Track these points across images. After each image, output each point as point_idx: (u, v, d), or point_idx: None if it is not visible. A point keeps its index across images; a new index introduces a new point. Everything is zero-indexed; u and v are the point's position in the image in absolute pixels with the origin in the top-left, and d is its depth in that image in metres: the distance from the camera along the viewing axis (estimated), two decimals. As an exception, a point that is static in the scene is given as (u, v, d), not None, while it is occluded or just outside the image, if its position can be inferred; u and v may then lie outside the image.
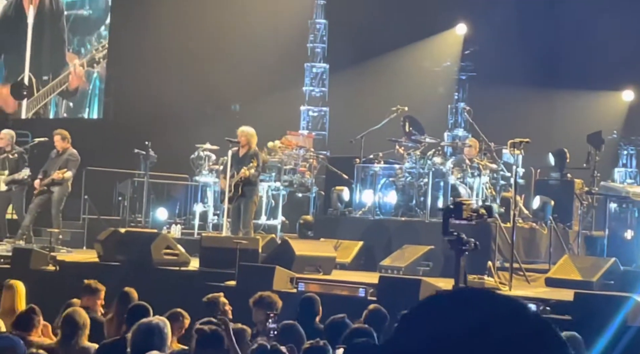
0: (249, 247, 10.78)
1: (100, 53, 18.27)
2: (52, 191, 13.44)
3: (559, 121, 16.27)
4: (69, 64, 18.78)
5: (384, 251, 12.17)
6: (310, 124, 19.58)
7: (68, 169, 13.42)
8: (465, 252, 7.56)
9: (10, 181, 13.63)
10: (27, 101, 19.27)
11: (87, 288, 8.16)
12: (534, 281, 11.04)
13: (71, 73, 18.50)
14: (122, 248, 11.54)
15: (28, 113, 19.27)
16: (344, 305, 8.68)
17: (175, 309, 7.17)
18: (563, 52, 16.26)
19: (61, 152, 13.59)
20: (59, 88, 18.64)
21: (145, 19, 18.12)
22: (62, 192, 13.49)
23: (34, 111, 19.16)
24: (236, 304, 7.89)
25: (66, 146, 13.61)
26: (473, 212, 8.08)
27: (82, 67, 18.44)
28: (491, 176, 12.95)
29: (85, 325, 6.34)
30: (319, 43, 19.68)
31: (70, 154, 13.59)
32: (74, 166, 13.58)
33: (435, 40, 18.18)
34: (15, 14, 19.32)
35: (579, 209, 13.19)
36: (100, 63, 18.25)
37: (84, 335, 6.35)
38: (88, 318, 6.51)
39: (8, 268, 11.76)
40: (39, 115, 19.18)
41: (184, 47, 18.05)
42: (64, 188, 13.52)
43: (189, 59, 17.91)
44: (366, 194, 13.51)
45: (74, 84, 18.54)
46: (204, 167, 14.71)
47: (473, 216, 8.09)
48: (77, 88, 18.54)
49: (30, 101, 19.24)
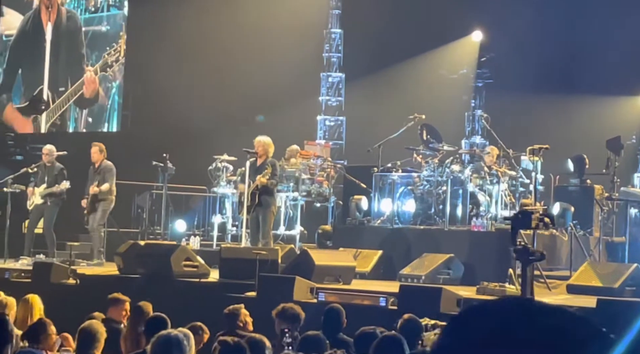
0: (269, 258, 10.77)
1: (112, 57, 18.38)
2: (97, 208, 13.67)
3: (578, 127, 16.19)
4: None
5: (404, 259, 12.13)
6: (327, 133, 19.60)
7: (106, 181, 13.63)
8: (532, 262, 7.42)
9: (48, 193, 13.78)
10: (45, 114, 19.42)
11: (112, 299, 8.21)
12: (555, 288, 10.97)
13: (85, 80, 18.62)
14: (142, 261, 11.56)
15: (46, 125, 19.41)
16: (365, 315, 8.66)
17: (195, 323, 7.15)
18: (580, 58, 16.19)
19: (97, 167, 13.83)
20: (74, 96, 18.79)
21: (162, 31, 18.19)
22: (105, 206, 13.69)
23: (51, 122, 19.27)
24: (257, 316, 7.88)
25: (102, 158, 13.83)
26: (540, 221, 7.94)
27: (95, 73, 18.57)
28: (510, 183, 12.89)
29: (100, 337, 6.32)
30: (334, 52, 19.71)
31: (105, 166, 13.81)
32: (110, 177, 13.77)
33: (451, 48, 18.16)
34: (33, 29, 19.47)
35: (599, 215, 13.10)
36: (113, 67, 18.33)
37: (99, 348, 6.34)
38: (104, 330, 6.49)
39: (29, 282, 11.81)
40: (56, 126, 19.27)
41: (200, 60, 18.10)
42: (107, 202, 13.73)
43: (206, 71, 17.95)
44: (385, 203, 13.48)
45: (88, 90, 18.64)
46: (221, 178, 14.73)
47: (540, 225, 7.95)
48: (93, 94, 18.63)
49: (48, 112, 19.39)
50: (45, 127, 19.37)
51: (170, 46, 18.21)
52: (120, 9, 18.52)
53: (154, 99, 18.17)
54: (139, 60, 18.63)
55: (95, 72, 18.61)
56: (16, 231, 14.79)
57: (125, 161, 15.76)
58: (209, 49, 18.09)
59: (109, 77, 18.57)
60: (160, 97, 17.95)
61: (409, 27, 17.30)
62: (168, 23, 18.12)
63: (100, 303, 8.51)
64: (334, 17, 19.72)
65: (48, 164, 14.12)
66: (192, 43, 18.16)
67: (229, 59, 18.07)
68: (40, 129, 19.61)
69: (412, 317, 6.93)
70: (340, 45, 19.70)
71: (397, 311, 8.59)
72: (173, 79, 17.82)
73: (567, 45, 16.33)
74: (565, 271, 11.63)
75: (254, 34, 18.22)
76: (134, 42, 18.77)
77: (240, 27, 18.24)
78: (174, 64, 18.05)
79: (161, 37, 18.20)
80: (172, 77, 17.85)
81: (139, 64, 18.64)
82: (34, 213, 14.08)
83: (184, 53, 18.17)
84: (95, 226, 13.65)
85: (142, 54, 18.58)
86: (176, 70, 17.95)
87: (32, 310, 8.02)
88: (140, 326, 7.20)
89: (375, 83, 18.16)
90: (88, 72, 18.69)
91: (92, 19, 18.80)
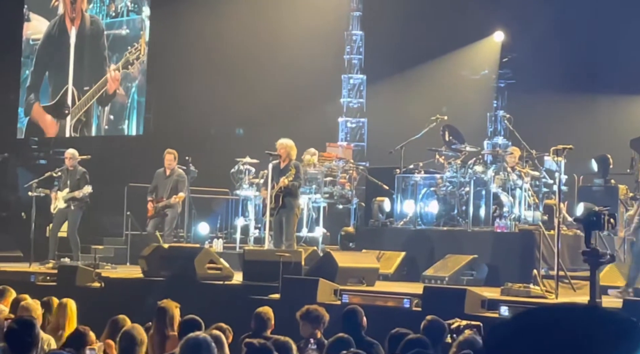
0: (292, 260, 10.78)
1: (133, 55, 18.87)
2: (167, 214, 13.98)
3: (601, 127, 16.09)
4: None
5: (427, 261, 12.11)
6: (349, 135, 19.59)
7: (179, 190, 13.97)
8: (601, 265, 7.31)
9: (70, 198, 13.90)
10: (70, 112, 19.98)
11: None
12: (580, 288, 10.89)
13: (108, 78, 19.36)
14: (166, 264, 11.60)
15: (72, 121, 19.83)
16: (389, 316, 8.66)
17: (219, 324, 7.16)
18: (602, 57, 16.09)
19: (169, 173, 14.09)
20: (98, 93, 19.53)
21: (184, 35, 18.27)
22: (174, 213, 14.08)
23: (77, 118, 19.89)
24: (281, 317, 7.89)
25: (175, 165, 14.12)
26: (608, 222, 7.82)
27: (118, 71, 19.22)
28: (533, 184, 12.84)
29: (142, 342, 6.29)
30: (355, 54, 19.70)
31: (179, 174, 14.15)
32: (184, 186, 14.11)
33: (472, 49, 18.11)
34: (59, 33, 20.29)
35: (623, 215, 13.02)
36: (134, 64, 18.88)
37: (141, 351, 6.33)
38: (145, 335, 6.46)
39: (54, 285, 11.89)
40: (81, 122, 19.78)
41: (222, 63, 18.16)
42: (176, 209, 14.08)
43: (227, 74, 18.00)
44: (407, 205, 13.46)
45: (112, 88, 19.35)
46: (244, 181, 14.76)
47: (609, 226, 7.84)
48: (115, 92, 19.34)
49: (73, 109, 19.96)
50: (71, 123, 19.97)
51: (192, 50, 18.28)
52: (139, 13, 19.29)
53: (176, 102, 18.25)
54: (160, 64, 18.73)
55: (118, 70, 19.20)
56: (41, 235, 14.90)
57: (147, 164, 15.84)
58: (230, 52, 18.14)
59: (131, 75, 19.20)
60: (182, 100, 18.03)
61: (429, 28, 17.26)
62: (189, 27, 18.20)
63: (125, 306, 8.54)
64: (355, 19, 19.72)
65: (71, 168, 14.21)
66: (213, 47, 18.22)
67: (250, 62, 18.11)
68: (65, 131, 19.96)
69: (435, 318, 6.92)
70: (361, 47, 19.69)
71: (422, 312, 8.58)
72: (195, 83, 17.89)
73: (589, 44, 16.23)
74: (590, 272, 11.55)
75: (275, 37, 18.25)
76: (155, 46, 18.88)
77: (260, 30, 18.28)
78: (195, 67, 18.12)
79: (183, 41, 18.29)
80: (194, 81, 17.92)
81: (161, 67, 18.74)
82: (57, 217, 14.18)
83: (205, 57, 18.23)
84: (169, 232, 13.98)
85: (164, 58, 18.68)
86: (198, 74, 18.01)
87: (69, 315, 8.02)
88: (166, 326, 7.20)
89: (397, 85, 18.14)
90: (111, 71, 19.30)
91: (113, 23, 19.71)
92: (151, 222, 14.12)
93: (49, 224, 14.78)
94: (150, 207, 14.07)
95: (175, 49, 18.38)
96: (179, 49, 18.32)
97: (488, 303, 9.04)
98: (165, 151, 14.33)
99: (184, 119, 17.83)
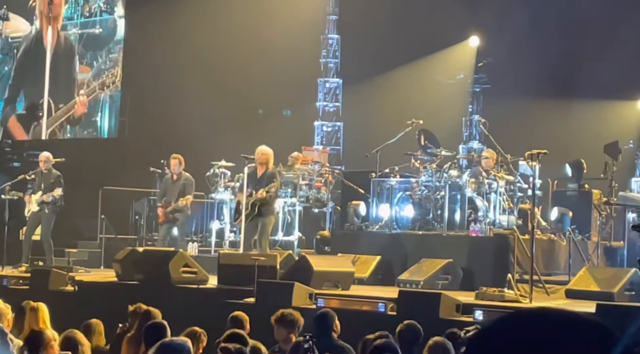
0: (267, 264, 10.75)
1: (109, 79, 19.12)
2: (177, 218, 14.00)
3: (575, 132, 16.20)
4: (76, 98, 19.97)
5: (402, 265, 12.13)
6: (325, 139, 19.60)
7: (187, 193, 13.97)
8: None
9: (41, 201, 13.79)
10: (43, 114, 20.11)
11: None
12: (554, 293, 10.96)
13: (77, 102, 19.70)
14: (140, 267, 11.54)
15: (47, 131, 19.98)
16: (364, 320, 8.66)
17: (194, 328, 7.13)
18: (577, 62, 16.20)
19: (177, 177, 14.10)
20: (67, 114, 19.90)
21: (159, 37, 18.19)
22: (185, 217, 14.15)
23: (51, 130, 20.08)
24: (255, 322, 7.87)
25: (181, 170, 14.11)
26: None
27: (86, 96, 19.58)
28: (508, 188, 12.89)
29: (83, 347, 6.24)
30: (331, 58, 19.72)
31: (185, 178, 14.14)
32: (191, 189, 14.13)
33: (448, 53, 18.18)
34: (36, 51, 20.62)
35: (597, 219, 13.11)
36: (109, 87, 19.15)
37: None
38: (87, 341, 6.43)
39: (27, 289, 11.78)
40: (55, 134, 19.82)
41: (197, 65, 18.10)
42: (186, 212, 14.12)
43: (203, 76, 17.94)
44: (383, 209, 13.48)
45: (79, 112, 19.74)
46: (219, 184, 14.72)
47: None
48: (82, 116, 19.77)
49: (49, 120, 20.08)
50: (46, 133, 19.98)
51: (167, 52, 18.21)
52: (111, 14, 19.67)
53: (151, 105, 18.17)
54: (135, 65, 18.65)
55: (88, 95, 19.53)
56: (14, 238, 14.77)
57: (122, 167, 15.77)
58: (205, 54, 18.09)
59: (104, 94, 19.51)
60: (157, 103, 17.95)
61: (405, 32, 17.31)
62: (165, 29, 18.13)
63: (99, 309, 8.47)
64: (331, 22, 19.74)
65: (45, 171, 14.10)
66: (189, 48, 18.16)
67: (226, 64, 18.06)
68: (40, 136, 19.91)
69: (412, 323, 6.91)
70: (338, 51, 19.71)
71: (397, 316, 8.58)
72: (170, 85, 17.82)
73: (564, 50, 16.35)
74: (564, 276, 11.63)
75: (251, 39, 18.23)
76: (130, 46, 18.80)
77: (237, 32, 18.24)
78: (170, 69, 18.05)
79: (158, 43, 18.20)
80: (169, 83, 17.86)
81: (135, 69, 18.65)
82: (31, 220, 14.07)
83: (180, 58, 18.17)
84: (180, 235, 14.06)
85: (138, 59, 18.60)
86: (173, 76, 17.95)
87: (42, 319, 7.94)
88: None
89: (373, 88, 18.17)
90: (81, 96, 19.60)
91: (87, 22, 20.13)
92: (162, 228, 14.14)
93: (22, 227, 14.66)
94: (160, 213, 14.15)
95: (150, 51, 18.30)
96: (154, 50, 18.23)
97: (463, 307, 9.06)
98: (171, 156, 14.35)
99: (159, 121, 17.74)
